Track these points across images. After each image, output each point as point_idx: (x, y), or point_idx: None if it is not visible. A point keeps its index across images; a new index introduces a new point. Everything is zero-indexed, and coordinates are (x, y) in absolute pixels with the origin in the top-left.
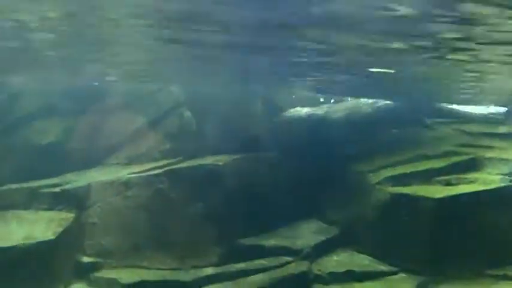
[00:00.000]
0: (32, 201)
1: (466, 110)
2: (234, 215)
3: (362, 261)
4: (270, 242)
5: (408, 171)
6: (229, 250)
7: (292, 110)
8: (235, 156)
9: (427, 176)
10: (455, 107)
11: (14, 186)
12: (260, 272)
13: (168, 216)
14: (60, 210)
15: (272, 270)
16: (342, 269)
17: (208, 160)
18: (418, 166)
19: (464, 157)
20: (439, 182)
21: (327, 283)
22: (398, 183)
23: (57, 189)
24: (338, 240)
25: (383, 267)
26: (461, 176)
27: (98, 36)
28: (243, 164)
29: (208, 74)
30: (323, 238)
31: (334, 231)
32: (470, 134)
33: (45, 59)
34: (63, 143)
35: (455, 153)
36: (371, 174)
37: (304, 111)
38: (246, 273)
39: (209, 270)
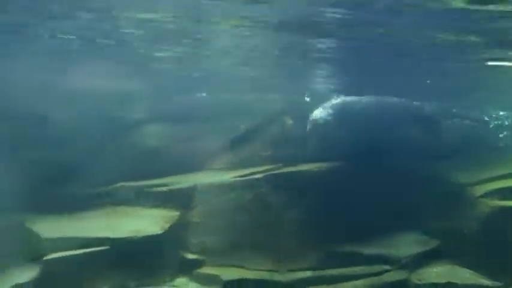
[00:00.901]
0: (141, 198)
1: None
2: (332, 221)
3: (463, 274)
4: (368, 249)
5: None
6: (326, 255)
7: None
8: (336, 164)
9: None
10: None
11: (126, 184)
12: (358, 279)
13: (267, 219)
14: (166, 208)
15: (369, 278)
16: (443, 281)
17: (308, 166)
18: None
19: None
20: None
21: None
22: (502, 197)
23: (164, 189)
24: (438, 252)
25: (485, 281)
26: None
27: None
28: (342, 171)
29: None
30: (423, 249)
31: (434, 242)
32: None
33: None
34: (170, 147)
35: None
36: (475, 187)
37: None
38: (342, 279)
39: (306, 274)
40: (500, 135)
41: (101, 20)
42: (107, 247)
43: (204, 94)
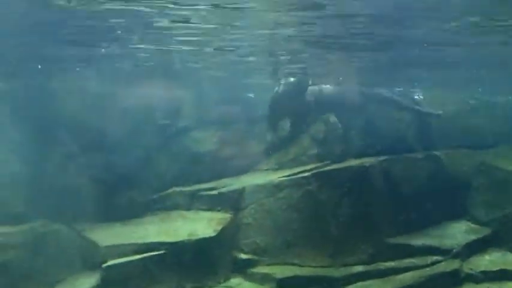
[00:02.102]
0: (193, 202)
1: None
2: (382, 214)
3: None
4: (419, 241)
5: None
6: (378, 249)
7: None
8: (381, 158)
9: None
10: None
11: (177, 189)
12: (409, 271)
13: (318, 216)
14: (218, 211)
15: (421, 269)
16: (495, 268)
17: (354, 162)
18: None
19: None
20: None
21: (478, 282)
22: None
23: (215, 192)
24: (489, 240)
25: None
26: None
27: None
28: (390, 165)
29: None
30: (474, 237)
31: (485, 231)
32: None
33: None
34: (219, 151)
35: None
36: None
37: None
38: (395, 271)
39: (358, 268)
40: None
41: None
42: (163, 251)
43: (251, 95)
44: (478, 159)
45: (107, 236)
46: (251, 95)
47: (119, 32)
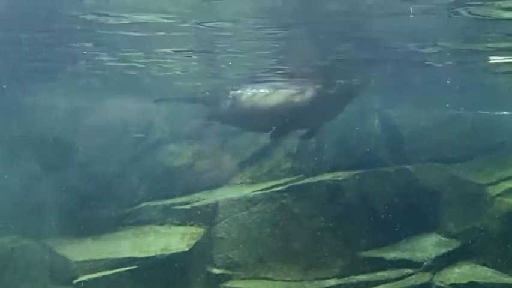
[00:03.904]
0: (166, 217)
1: None
2: (355, 228)
3: (485, 273)
4: (391, 254)
5: None
6: (351, 262)
7: None
8: (354, 172)
9: None
10: None
11: (150, 203)
12: (381, 284)
13: (291, 229)
14: (191, 225)
15: (393, 282)
16: (465, 281)
17: (328, 176)
18: None
19: None
20: None
21: None
22: None
23: (188, 206)
24: (459, 253)
25: (507, 279)
26: None
27: None
28: (362, 179)
29: None
30: (444, 250)
31: (454, 243)
32: None
33: None
34: (193, 165)
35: None
36: (491, 187)
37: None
38: (367, 284)
39: (331, 282)
40: None
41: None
42: (135, 267)
43: None
44: (448, 173)
45: (78, 251)
46: None
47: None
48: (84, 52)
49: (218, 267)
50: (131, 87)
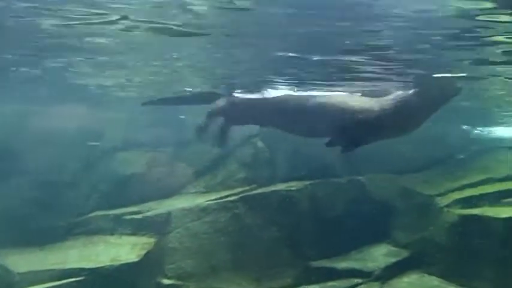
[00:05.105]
0: (116, 226)
1: None
2: (307, 238)
3: (432, 283)
4: (342, 264)
5: (475, 194)
6: (303, 272)
7: None
8: (307, 182)
9: (494, 198)
10: None
11: (100, 212)
12: None
13: (244, 239)
14: (142, 235)
15: None
16: None
17: (281, 186)
18: (486, 189)
19: None
20: (507, 204)
21: None
22: (466, 206)
23: (139, 216)
24: (408, 263)
25: None
26: None
27: None
28: (315, 189)
29: None
30: (393, 260)
31: (403, 253)
32: None
33: None
34: (146, 174)
35: None
36: (439, 198)
37: None
38: None
39: None
40: None
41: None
42: (82, 278)
43: (182, 117)
44: (399, 184)
45: (23, 262)
46: (182, 116)
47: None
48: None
49: (169, 278)
50: (81, 95)
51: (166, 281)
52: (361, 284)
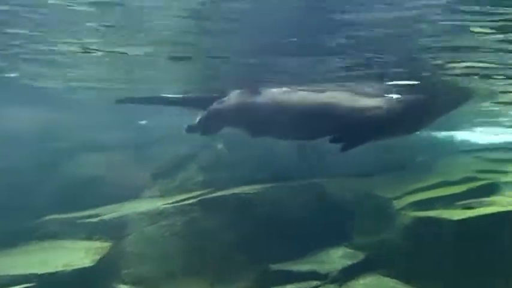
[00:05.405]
0: (71, 230)
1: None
2: (266, 241)
3: (387, 284)
4: (300, 267)
5: (431, 197)
6: (260, 275)
7: None
8: (267, 185)
9: (449, 201)
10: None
11: (54, 216)
12: None
13: (202, 243)
14: (97, 239)
15: None
16: None
17: (239, 189)
18: (441, 192)
19: (483, 182)
20: (461, 206)
21: None
22: (422, 208)
23: (94, 220)
24: (364, 265)
25: None
26: (481, 199)
27: None
28: (275, 192)
29: None
30: (349, 262)
31: (360, 255)
32: (489, 160)
33: None
34: (101, 177)
35: (475, 179)
36: (396, 200)
37: None
38: None
39: None
40: None
41: None
42: (32, 284)
43: (143, 122)
44: (358, 187)
45: None
46: (143, 122)
47: None
48: None
49: (125, 283)
50: (37, 97)
51: (122, 286)
52: (319, 286)
